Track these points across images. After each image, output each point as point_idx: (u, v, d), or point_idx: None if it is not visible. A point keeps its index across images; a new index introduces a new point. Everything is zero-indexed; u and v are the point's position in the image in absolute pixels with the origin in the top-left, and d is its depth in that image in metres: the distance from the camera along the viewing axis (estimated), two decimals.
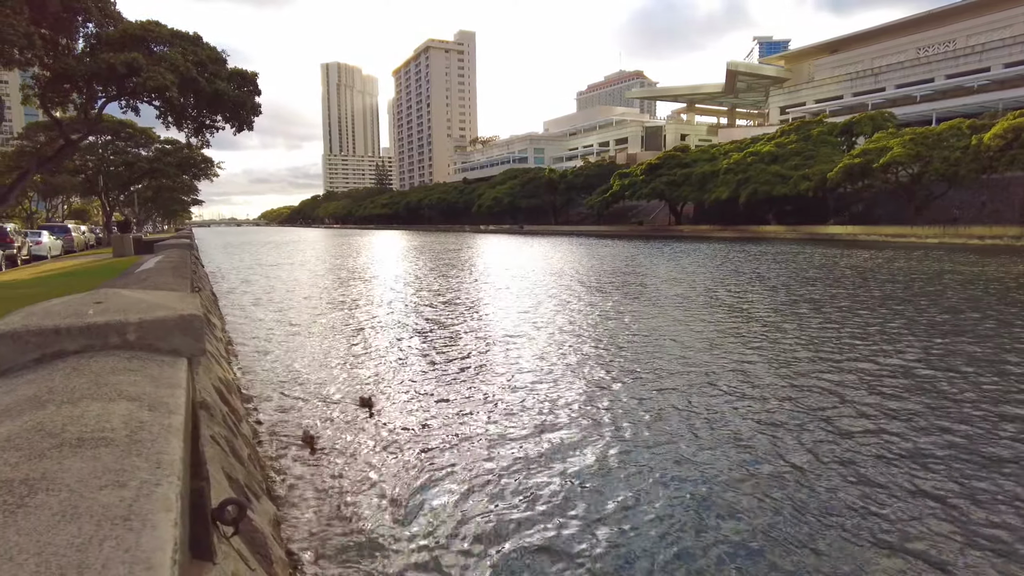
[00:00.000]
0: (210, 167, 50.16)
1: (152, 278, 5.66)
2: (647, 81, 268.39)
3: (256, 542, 3.32)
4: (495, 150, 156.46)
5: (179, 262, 8.20)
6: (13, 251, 26.72)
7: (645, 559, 4.37)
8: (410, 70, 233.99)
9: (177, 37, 19.52)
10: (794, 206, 58.84)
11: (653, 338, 11.88)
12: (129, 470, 1.17)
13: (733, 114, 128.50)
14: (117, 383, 1.78)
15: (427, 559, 4.38)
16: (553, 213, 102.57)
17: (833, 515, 4.92)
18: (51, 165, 23.10)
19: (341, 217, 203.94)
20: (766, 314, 14.55)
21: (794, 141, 60.22)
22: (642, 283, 21.19)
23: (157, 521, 0.98)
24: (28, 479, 1.07)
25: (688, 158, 72.70)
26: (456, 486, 5.52)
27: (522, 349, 11.22)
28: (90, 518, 0.96)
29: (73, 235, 41.12)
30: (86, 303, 2.40)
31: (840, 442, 6.36)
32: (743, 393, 8.11)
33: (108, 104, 19.89)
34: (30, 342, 2.09)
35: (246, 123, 21.05)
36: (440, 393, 8.51)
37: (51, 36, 16.23)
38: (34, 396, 1.64)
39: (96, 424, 1.40)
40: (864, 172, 48.94)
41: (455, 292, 20.16)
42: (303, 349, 11.75)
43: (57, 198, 71.47)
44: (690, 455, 6.09)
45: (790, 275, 23.03)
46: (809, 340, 11.49)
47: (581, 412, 7.51)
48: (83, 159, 43.98)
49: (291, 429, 7.09)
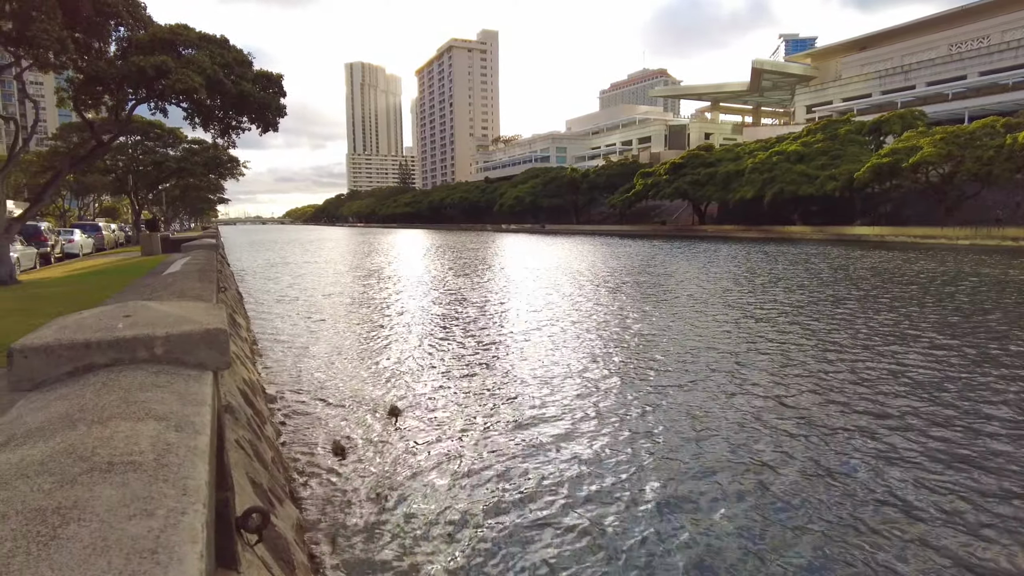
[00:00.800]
0: (236, 166, 50.86)
1: (179, 283, 5.76)
2: (671, 79, 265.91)
3: (279, 548, 3.37)
4: (517, 149, 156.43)
5: (205, 264, 8.33)
6: (47, 249, 27.44)
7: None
8: (433, 69, 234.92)
9: (204, 40, 19.79)
10: (820, 206, 57.94)
11: (701, 354, 11.08)
12: (156, 497, 1.20)
13: (758, 113, 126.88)
14: (145, 400, 1.82)
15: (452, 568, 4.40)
16: (575, 212, 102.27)
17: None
18: (83, 165, 23.62)
19: (364, 216, 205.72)
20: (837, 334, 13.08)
21: (820, 140, 59.29)
22: (684, 290, 20.66)
23: (183, 554, 1.01)
24: (60, 508, 1.10)
25: (712, 157, 71.98)
26: (484, 496, 5.53)
27: (552, 354, 11.16)
28: (119, 551, 0.98)
29: (104, 233, 42.11)
30: (116, 316, 2.46)
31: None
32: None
33: (138, 106, 20.24)
34: (63, 356, 2.15)
35: (271, 124, 21.26)
36: (464, 396, 8.52)
37: (84, 40, 16.56)
38: (66, 414, 1.68)
39: (125, 447, 1.43)
40: (893, 172, 48.00)
41: (477, 291, 20.21)
42: (327, 349, 11.87)
43: (88, 197, 73.07)
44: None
45: (845, 283, 22.58)
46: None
47: (620, 420, 7.42)
48: (113, 159, 44.88)
49: (315, 431, 7.17)
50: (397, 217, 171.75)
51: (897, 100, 75.55)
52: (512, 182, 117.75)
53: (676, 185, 71.07)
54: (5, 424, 1.72)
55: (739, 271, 25.17)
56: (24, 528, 1.02)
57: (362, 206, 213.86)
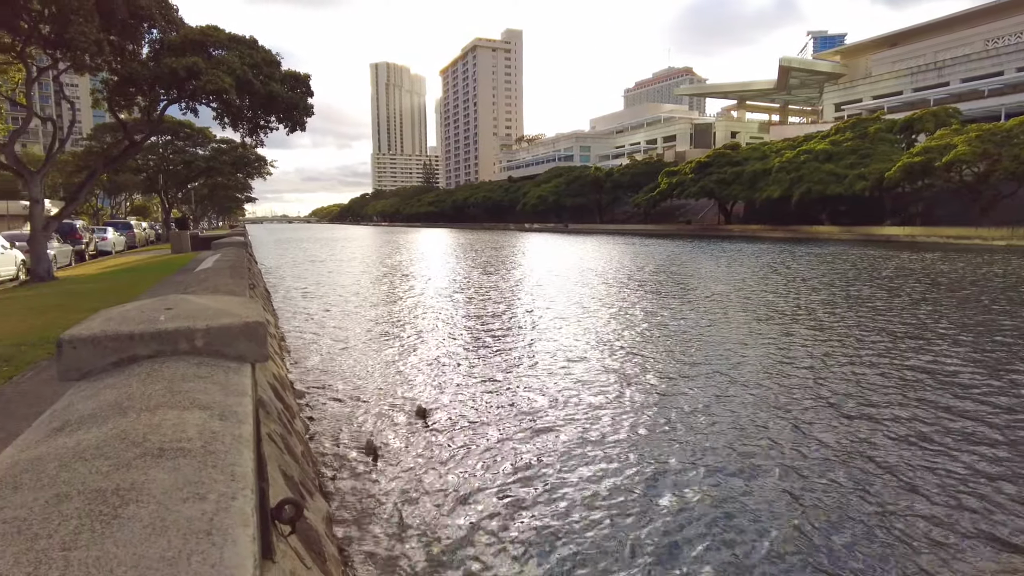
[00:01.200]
0: (263, 166, 51.59)
1: (212, 279, 5.88)
2: (696, 78, 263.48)
3: (311, 539, 3.43)
4: (540, 148, 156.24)
5: (236, 261, 8.48)
6: (82, 246, 28.12)
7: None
8: (457, 69, 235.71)
9: (234, 41, 20.12)
10: (848, 206, 56.90)
11: (733, 357, 10.55)
12: (207, 482, 1.23)
13: (785, 111, 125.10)
14: (189, 390, 1.87)
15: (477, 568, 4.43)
16: (599, 212, 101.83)
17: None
18: (116, 164, 24.17)
19: (389, 215, 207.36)
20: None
21: (850, 139, 58.24)
22: (719, 291, 20.53)
23: (237, 536, 1.04)
24: (119, 489, 1.14)
25: (739, 156, 71.14)
26: (513, 498, 5.54)
27: (582, 355, 11.06)
28: (177, 531, 1.02)
29: (135, 231, 43.05)
30: (158, 309, 2.52)
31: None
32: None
33: (169, 106, 20.64)
34: (108, 347, 2.21)
35: (299, 123, 21.54)
36: (492, 396, 8.53)
37: (119, 42, 16.94)
38: (116, 402, 1.73)
39: (173, 434, 1.48)
40: (925, 171, 46.94)
41: (503, 290, 20.25)
42: (354, 345, 11.99)
43: (120, 195, 74.75)
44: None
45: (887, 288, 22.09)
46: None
47: (654, 426, 7.27)
48: (144, 158, 45.85)
49: (342, 427, 7.26)
50: (421, 216, 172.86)
51: (930, 97, 73.84)
52: (535, 181, 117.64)
53: (702, 184, 70.39)
54: (59, 411, 1.78)
55: (798, 275, 24.82)
56: (87, 507, 1.06)
57: (386, 205, 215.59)
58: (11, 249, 18.17)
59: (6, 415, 4.46)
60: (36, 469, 1.28)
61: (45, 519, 1.03)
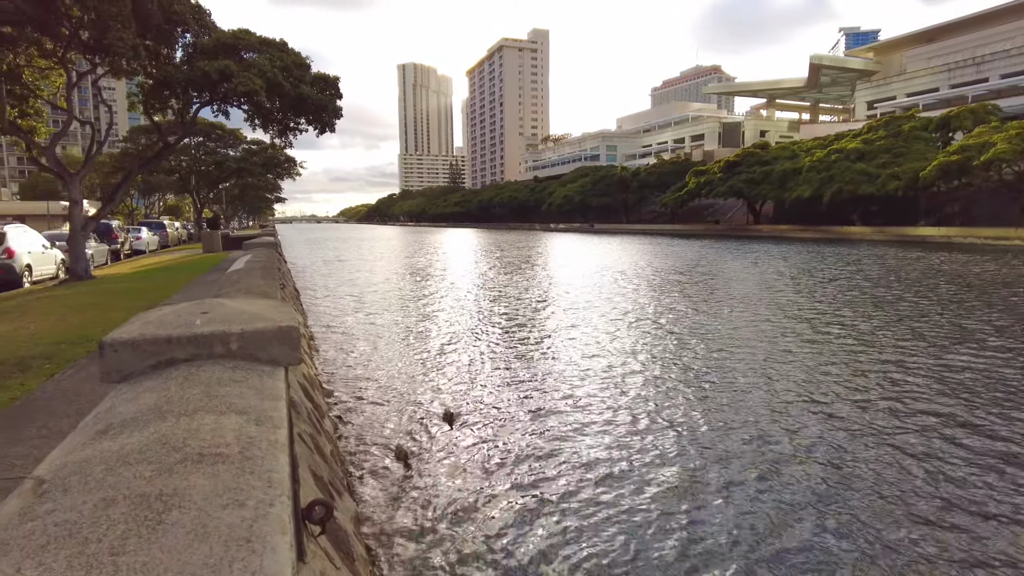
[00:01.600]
0: (293, 166, 52.36)
1: (244, 280, 6.00)
2: (725, 76, 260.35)
3: (340, 540, 3.48)
4: (566, 148, 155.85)
5: (267, 262, 8.63)
6: (117, 246, 28.85)
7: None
8: (484, 69, 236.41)
9: (265, 44, 20.46)
10: (881, 206, 55.69)
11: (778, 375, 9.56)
12: (245, 488, 1.26)
13: (816, 110, 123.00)
14: (225, 394, 1.92)
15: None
16: (625, 212, 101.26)
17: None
18: (151, 165, 24.76)
19: (415, 215, 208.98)
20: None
21: (883, 137, 56.99)
22: (757, 295, 20.23)
23: (276, 544, 1.06)
24: (162, 495, 1.18)
25: (768, 155, 70.16)
26: (543, 502, 5.55)
27: (619, 359, 10.93)
28: (218, 538, 1.05)
29: (168, 231, 44.01)
30: (194, 313, 2.58)
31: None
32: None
33: (202, 108, 21.07)
34: (147, 350, 2.27)
35: (328, 125, 21.82)
36: (521, 398, 8.53)
37: (154, 47, 17.37)
38: (156, 406, 1.78)
39: (212, 439, 1.52)
40: (962, 170, 45.72)
41: (532, 290, 20.25)
42: (381, 344, 12.11)
43: (154, 195, 76.59)
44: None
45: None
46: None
47: (689, 430, 7.19)
48: (177, 159, 46.88)
49: (370, 427, 7.34)
50: (447, 216, 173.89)
51: (968, 94, 71.85)
52: (561, 181, 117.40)
53: (730, 183, 69.57)
54: (102, 413, 1.84)
55: (850, 281, 24.40)
56: (133, 512, 1.10)
57: (413, 205, 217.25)
58: (51, 249, 18.73)
59: (48, 413, 4.60)
60: (83, 472, 1.33)
61: (94, 523, 1.07)
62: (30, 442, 3.98)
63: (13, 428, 4.27)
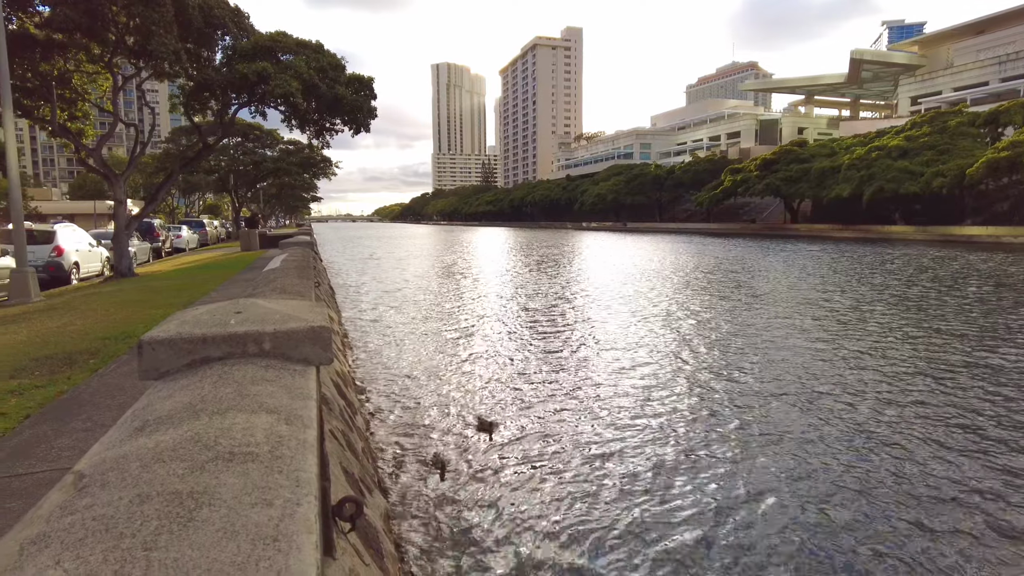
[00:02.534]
0: (329, 166, 53.11)
1: (279, 279, 6.12)
2: (762, 72, 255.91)
3: (369, 536, 3.52)
4: (599, 146, 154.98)
5: (302, 261, 8.80)
6: (159, 244, 29.71)
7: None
8: (517, 68, 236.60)
9: (301, 46, 20.81)
10: (924, 205, 54.00)
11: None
12: (273, 488, 1.29)
13: (856, 106, 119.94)
14: (257, 393, 1.96)
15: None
16: (659, 210, 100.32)
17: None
18: (192, 166, 25.42)
19: (448, 214, 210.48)
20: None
21: (927, 134, 55.24)
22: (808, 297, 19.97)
23: (301, 543, 1.09)
24: (193, 492, 1.22)
25: (806, 153, 68.72)
26: (581, 515, 5.54)
27: (663, 366, 10.56)
28: (246, 536, 1.07)
29: (207, 230, 45.16)
30: (228, 313, 2.65)
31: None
32: None
33: (240, 109, 21.55)
34: (183, 348, 2.34)
35: (363, 125, 22.09)
36: (560, 405, 8.48)
37: (195, 50, 17.83)
38: (190, 404, 1.84)
39: (243, 437, 1.55)
40: (1013, 167, 44.07)
41: (568, 289, 20.20)
42: (415, 342, 12.22)
43: (194, 195, 78.57)
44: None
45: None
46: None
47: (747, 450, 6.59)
48: (217, 159, 47.96)
49: (402, 425, 7.42)
50: (478, 215, 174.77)
51: (1020, 88, 69.20)
52: (594, 180, 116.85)
53: (767, 182, 68.32)
54: (139, 410, 1.90)
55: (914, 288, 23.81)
56: (166, 509, 1.14)
57: (446, 204, 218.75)
58: (97, 247, 19.39)
59: (93, 406, 4.77)
60: (120, 468, 1.37)
61: (129, 518, 1.11)
62: (75, 434, 4.13)
63: (60, 420, 4.44)
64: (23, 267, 12.30)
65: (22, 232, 12.66)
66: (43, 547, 1.05)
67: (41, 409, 4.73)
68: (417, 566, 4.35)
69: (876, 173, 54.70)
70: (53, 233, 16.98)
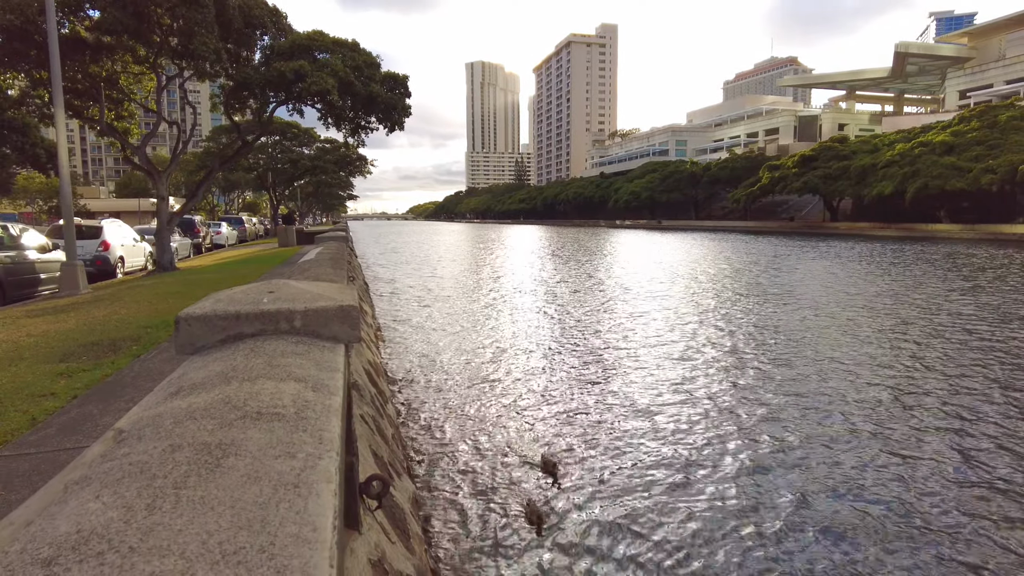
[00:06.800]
0: (364, 165, 53.89)
1: (313, 269, 6.27)
2: (801, 68, 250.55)
3: (396, 516, 3.60)
4: (634, 143, 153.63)
5: (336, 254, 8.97)
6: (199, 240, 30.54)
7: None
8: (551, 65, 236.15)
9: (338, 45, 21.15)
10: (971, 202, 52.12)
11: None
12: (297, 443, 1.36)
13: (900, 101, 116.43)
14: (287, 365, 2.04)
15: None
16: (694, 208, 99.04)
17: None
18: (231, 164, 26.06)
19: (480, 212, 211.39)
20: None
21: (975, 129, 53.30)
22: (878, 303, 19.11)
23: (320, 490, 1.15)
24: (221, 444, 1.29)
25: (846, 149, 67.00)
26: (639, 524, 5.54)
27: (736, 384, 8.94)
28: (268, 482, 1.14)
29: (246, 226, 46.25)
30: (261, 292, 2.74)
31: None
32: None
33: (278, 108, 22.01)
34: (217, 325, 2.44)
35: (397, 124, 22.34)
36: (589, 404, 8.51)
37: (234, 50, 18.29)
38: (222, 372, 1.92)
39: (271, 401, 1.63)
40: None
41: (604, 293, 20.13)
42: (447, 341, 12.35)
43: (233, 192, 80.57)
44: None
45: None
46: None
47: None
48: (255, 158, 49.08)
49: (435, 414, 7.52)
50: (511, 213, 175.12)
51: None
52: (628, 177, 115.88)
53: (805, 179, 66.83)
54: (175, 379, 2.00)
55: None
56: (195, 457, 1.21)
57: (479, 203, 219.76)
58: (141, 242, 20.05)
59: (135, 388, 4.97)
60: (156, 424, 1.46)
61: (161, 463, 1.19)
62: (118, 413, 4.32)
63: (106, 400, 4.65)
64: (72, 261, 12.81)
65: (72, 228, 13.18)
66: (85, 486, 1.13)
67: (87, 390, 4.95)
68: (443, 548, 4.43)
69: (920, 169, 53.06)
70: (100, 229, 17.61)
